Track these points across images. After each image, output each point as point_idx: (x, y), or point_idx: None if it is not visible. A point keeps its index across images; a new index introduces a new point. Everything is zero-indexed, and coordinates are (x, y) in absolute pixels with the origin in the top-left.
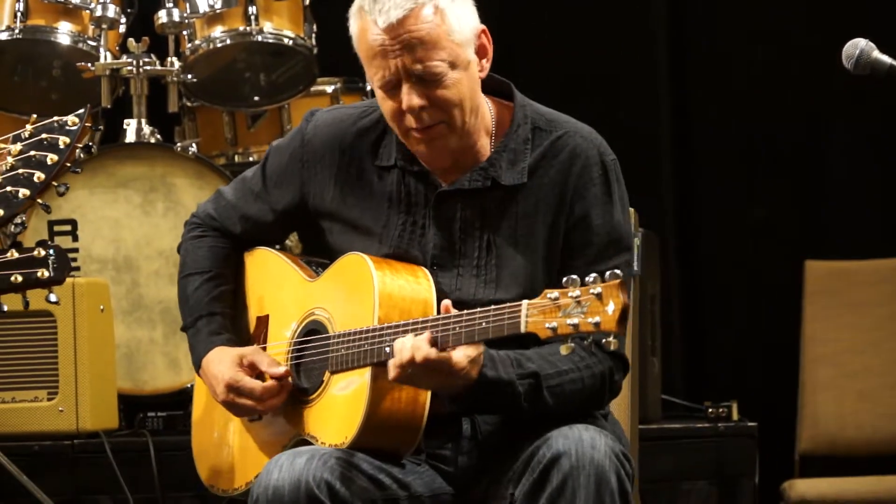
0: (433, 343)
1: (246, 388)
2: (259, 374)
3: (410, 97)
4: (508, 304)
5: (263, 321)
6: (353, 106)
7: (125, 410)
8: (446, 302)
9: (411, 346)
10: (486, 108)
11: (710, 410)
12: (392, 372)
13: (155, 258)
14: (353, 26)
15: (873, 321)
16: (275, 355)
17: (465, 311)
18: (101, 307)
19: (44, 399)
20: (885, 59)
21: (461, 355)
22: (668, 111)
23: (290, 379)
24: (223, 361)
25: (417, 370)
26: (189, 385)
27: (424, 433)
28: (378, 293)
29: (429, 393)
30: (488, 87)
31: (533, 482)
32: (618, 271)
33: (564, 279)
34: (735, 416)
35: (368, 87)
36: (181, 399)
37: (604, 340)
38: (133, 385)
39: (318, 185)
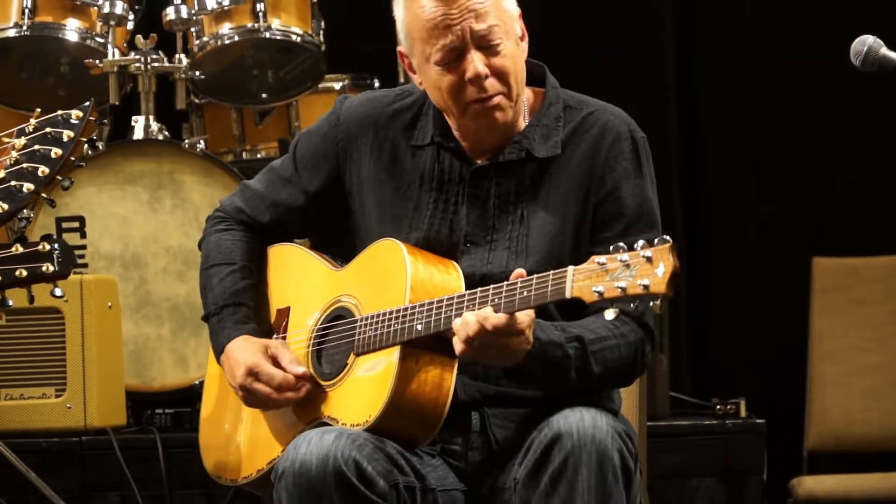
0: (496, 310)
1: (265, 375)
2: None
3: (477, 64)
4: (553, 272)
5: (284, 312)
6: (386, 90)
7: (133, 407)
8: (520, 270)
9: (477, 317)
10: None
11: (718, 407)
12: (459, 346)
13: (163, 255)
14: (401, 11)
15: (881, 318)
16: (295, 343)
17: (505, 283)
18: (109, 304)
19: (52, 396)
20: (893, 55)
21: (524, 315)
22: (676, 108)
23: (308, 376)
24: (247, 349)
25: (487, 338)
26: (197, 382)
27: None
28: (410, 277)
29: (454, 379)
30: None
31: (534, 462)
32: (667, 237)
33: (612, 247)
34: (743, 412)
35: (376, 85)
36: (189, 396)
37: (651, 304)
38: (141, 382)
39: (353, 164)
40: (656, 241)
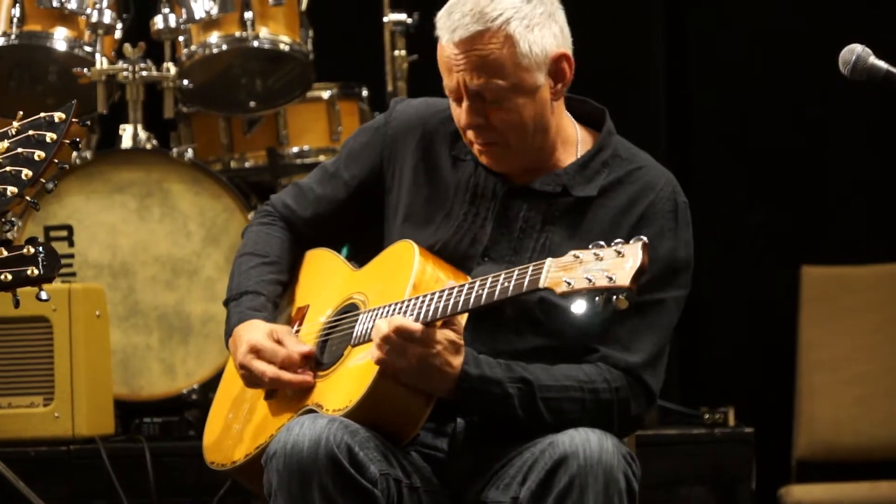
0: (416, 319)
1: (268, 352)
2: None
3: (468, 115)
4: (534, 263)
5: (302, 310)
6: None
7: (121, 416)
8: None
9: (389, 319)
10: (570, 126)
11: (707, 416)
12: (374, 353)
13: (151, 264)
14: (437, 31)
15: (870, 326)
16: (305, 335)
17: (490, 275)
18: (97, 313)
19: (40, 405)
20: (882, 64)
21: (439, 333)
22: (666, 116)
23: (312, 359)
24: (253, 330)
25: (394, 344)
26: (185, 391)
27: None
28: (416, 274)
29: None
30: (580, 112)
31: (539, 483)
32: (644, 237)
33: (591, 244)
34: (731, 421)
35: (364, 93)
36: (177, 405)
37: (615, 298)
38: (129, 391)
39: (396, 161)
40: (632, 240)
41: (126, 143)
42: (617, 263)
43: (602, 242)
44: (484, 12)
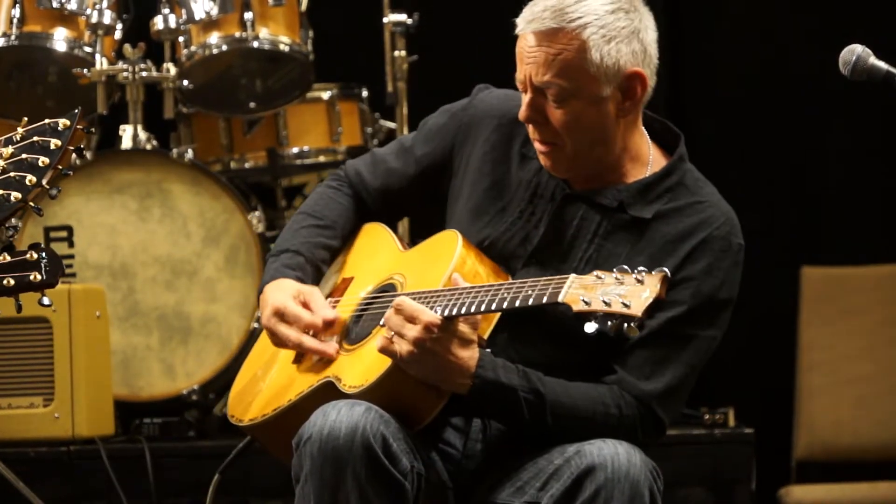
0: (442, 312)
1: (291, 315)
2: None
3: (527, 108)
4: (557, 277)
5: (347, 281)
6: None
7: (121, 417)
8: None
9: (400, 300)
10: (643, 145)
11: (707, 417)
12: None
13: (151, 264)
14: (518, 19)
15: (870, 327)
16: (342, 309)
17: (518, 280)
18: (98, 313)
19: (40, 405)
20: (882, 65)
21: (456, 325)
22: (665, 116)
23: (337, 328)
24: (280, 290)
25: (394, 324)
26: (185, 391)
27: (437, 423)
28: (454, 266)
29: None
30: (656, 132)
31: (564, 491)
32: (665, 269)
33: (616, 268)
34: (731, 422)
35: (364, 94)
36: (177, 405)
37: (626, 326)
38: (129, 391)
39: (467, 147)
40: (654, 270)
41: (126, 143)
42: (635, 291)
43: (626, 267)
44: (565, 11)
